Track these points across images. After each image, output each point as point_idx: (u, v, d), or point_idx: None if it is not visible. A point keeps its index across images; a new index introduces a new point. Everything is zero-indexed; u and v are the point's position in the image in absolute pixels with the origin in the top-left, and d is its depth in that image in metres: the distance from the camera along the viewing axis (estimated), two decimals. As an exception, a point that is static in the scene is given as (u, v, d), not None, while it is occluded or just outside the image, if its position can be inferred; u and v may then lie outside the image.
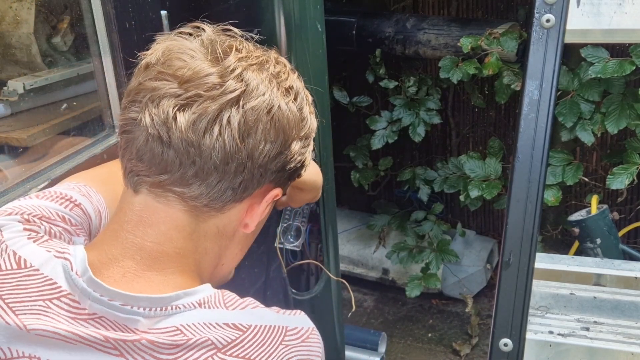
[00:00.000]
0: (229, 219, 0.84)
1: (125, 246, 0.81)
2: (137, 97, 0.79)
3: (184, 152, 0.77)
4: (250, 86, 0.78)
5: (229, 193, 0.80)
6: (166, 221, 0.81)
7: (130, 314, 0.77)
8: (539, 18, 1.20)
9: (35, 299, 0.78)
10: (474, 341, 3.16)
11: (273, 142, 0.80)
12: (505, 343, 1.17)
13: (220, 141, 0.76)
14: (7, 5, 1.69)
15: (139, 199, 0.82)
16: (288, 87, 0.82)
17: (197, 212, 0.81)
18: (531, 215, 1.16)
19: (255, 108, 0.77)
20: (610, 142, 3.17)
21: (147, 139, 0.77)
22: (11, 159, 1.47)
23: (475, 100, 3.16)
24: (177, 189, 0.79)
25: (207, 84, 0.77)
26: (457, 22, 2.90)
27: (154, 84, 0.78)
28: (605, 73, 2.34)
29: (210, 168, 0.78)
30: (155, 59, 0.80)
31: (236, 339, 0.78)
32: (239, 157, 0.78)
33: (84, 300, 0.77)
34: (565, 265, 1.48)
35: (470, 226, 3.65)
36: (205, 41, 0.81)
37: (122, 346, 0.75)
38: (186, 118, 0.76)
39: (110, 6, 1.35)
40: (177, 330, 0.77)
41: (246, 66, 0.79)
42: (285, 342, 0.80)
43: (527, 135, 1.18)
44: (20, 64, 1.74)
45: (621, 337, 1.37)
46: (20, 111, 1.61)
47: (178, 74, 0.77)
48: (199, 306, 0.79)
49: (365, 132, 3.23)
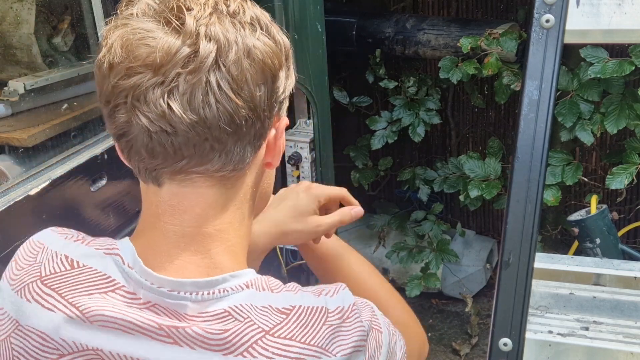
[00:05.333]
0: (255, 169, 0.84)
1: (167, 236, 0.81)
2: (119, 100, 0.75)
3: (194, 134, 0.75)
4: (220, 41, 0.74)
5: (249, 149, 0.80)
6: (199, 203, 0.80)
7: (178, 299, 0.78)
8: (538, 18, 1.20)
9: (93, 292, 0.79)
10: (474, 341, 3.16)
11: (264, 83, 0.78)
12: (504, 343, 1.17)
13: (220, 107, 0.74)
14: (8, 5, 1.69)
15: (165, 190, 0.80)
16: (250, 21, 0.78)
17: (226, 181, 0.81)
18: (531, 215, 1.16)
19: (236, 60, 0.75)
20: (610, 142, 3.18)
21: (150, 137, 0.75)
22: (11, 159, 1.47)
23: (475, 100, 3.16)
24: (199, 168, 0.78)
25: (181, 59, 0.73)
26: (456, 23, 2.90)
27: (131, 82, 0.74)
28: (604, 73, 2.34)
29: (223, 136, 0.76)
30: (118, 57, 0.75)
31: (282, 321, 0.78)
32: (244, 113, 0.76)
33: (138, 290, 0.79)
34: (565, 265, 1.49)
35: (469, 226, 3.65)
36: (149, 12, 0.76)
37: (174, 334, 0.76)
38: (179, 102, 0.73)
39: (111, 6, 1.35)
40: (226, 312, 0.77)
41: (207, 22, 0.75)
42: (329, 323, 0.81)
43: (526, 135, 1.18)
44: (20, 64, 1.74)
45: (620, 336, 1.37)
46: (21, 111, 1.61)
47: (148, 61, 0.73)
48: (246, 287, 0.80)
49: (365, 132, 3.23)
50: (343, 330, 0.81)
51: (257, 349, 0.76)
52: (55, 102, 1.66)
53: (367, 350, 0.82)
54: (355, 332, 0.82)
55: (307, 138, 1.79)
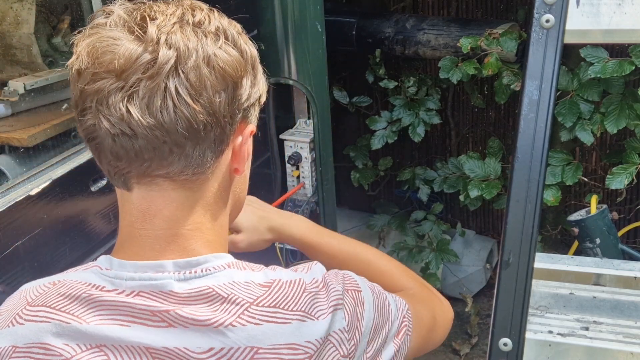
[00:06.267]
0: (220, 174, 0.87)
1: (143, 242, 0.85)
2: (86, 105, 0.79)
3: (152, 137, 0.78)
4: (180, 49, 0.78)
5: (209, 153, 0.82)
6: (167, 206, 0.84)
7: (161, 279, 0.82)
8: (538, 18, 1.20)
9: (79, 295, 0.83)
10: (474, 341, 3.16)
11: (224, 90, 0.81)
12: (504, 343, 1.17)
13: (178, 112, 0.78)
14: (8, 5, 1.69)
15: (135, 195, 0.84)
16: (215, 31, 0.82)
17: (189, 184, 0.84)
18: (531, 215, 1.16)
19: (194, 67, 0.78)
20: (610, 142, 3.18)
21: (114, 140, 0.79)
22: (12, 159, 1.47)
23: (475, 100, 3.16)
24: (161, 171, 0.82)
25: (141, 65, 0.77)
26: (456, 23, 2.90)
27: (95, 87, 0.78)
28: (604, 73, 2.34)
29: (181, 140, 0.79)
30: (84, 64, 0.79)
31: (264, 293, 0.84)
32: (202, 118, 0.79)
33: (120, 285, 0.82)
34: (565, 265, 1.49)
35: (469, 226, 3.65)
36: (119, 22, 0.80)
37: (166, 316, 0.80)
38: (138, 106, 0.77)
39: (111, 6, 1.35)
40: (211, 289, 0.82)
41: (168, 30, 0.79)
42: (308, 290, 0.87)
43: (526, 135, 1.18)
44: (20, 64, 1.74)
45: (620, 336, 1.37)
46: (21, 111, 1.61)
47: (111, 67, 0.77)
48: (228, 267, 0.85)
49: (365, 132, 3.23)
50: (320, 296, 0.87)
51: (245, 317, 0.81)
52: (55, 102, 1.66)
53: (345, 307, 0.88)
54: (331, 295, 0.88)
55: (307, 138, 1.79)
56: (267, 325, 0.82)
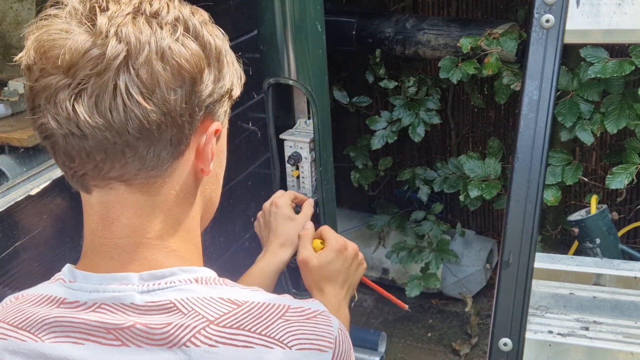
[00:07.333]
0: (181, 176, 0.80)
1: (103, 252, 0.79)
2: (35, 102, 0.74)
3: (102, 138, 0.72)
4: (131, 42, 0.71)
5: (165, 154, 0.76)
6: (124, 212, 0.78)
7: (124, 292, 0.76)
8: (538, 18, 1.20)
9: (37, 311, 0.79)
10: (474, 341, 3.16)
11: (181, 87, 0.74)
12: (504, 343, 1.17)
13: (128, 111, 0.71)
14: (8, 5, 1.69)
15: (94, 199, 0.79)
16: (173, 21, 0.74)
17: (146, 187, 0.77)
18: (531, 215, 1.16)
19: (146, 62, 0.71)
20: (610, 142, 3.18)
21: (65, 140, 0.73)
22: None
23: (475, 100, 3.16)
24: (115, 174, 0.76)
25: (89, 60, 0.70)
26: (456, 23, 2.90)
27: (43, 83, 0.72)
28: (604, 73, 2.34)
29: (132, 141, 0.73)
30: (32, 59, 0.73)
31: (230, 311, 0.76)
32: (155, 118, 0.72)
33: (81, 297, 0.78)
34: (565, 265, 1.49)
35: (469, 226, 3.65)
36: (72, 13, 0.74)
37: (120, 334, 0.75)
38: (85, 105, 0.71)
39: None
40: (171, 304, 0.76)
41: (119, 22, 0.72)
42: (286, 317, 0.77)
43: (526, 135, 1.18)
44: (20, 64, 1.74)
45: (620, 336, 1.37)
46: (21, 111, 1.61)
47: (58, 63, 0.71)
48: (195, 282, 0.78)
49: (365, 132, 3.23)
50: (305, 326, 0.77)
51: (200, 337, 0.74)
52: (55, 102, 1.66)
53: (335, 355, 0.77)
54: (322, 332, 0.77)
55: (307, 138, 1.78)
56: (223, 348, 0.73)
